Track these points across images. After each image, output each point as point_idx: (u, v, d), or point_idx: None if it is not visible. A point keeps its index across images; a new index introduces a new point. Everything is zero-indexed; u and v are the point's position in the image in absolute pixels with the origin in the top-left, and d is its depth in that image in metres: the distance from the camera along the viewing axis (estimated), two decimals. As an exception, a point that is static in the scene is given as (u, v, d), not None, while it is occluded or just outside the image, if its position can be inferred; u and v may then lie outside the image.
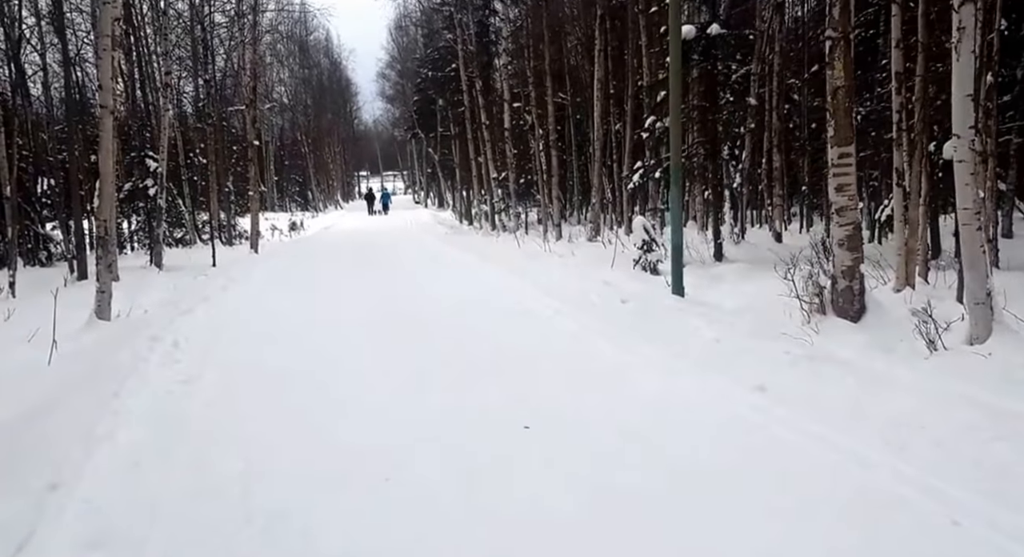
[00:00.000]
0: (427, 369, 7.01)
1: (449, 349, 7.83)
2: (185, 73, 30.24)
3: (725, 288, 11.46)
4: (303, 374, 6.85)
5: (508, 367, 6.96)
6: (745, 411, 5.36)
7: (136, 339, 8.09)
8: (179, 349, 7.76)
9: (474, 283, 13.30)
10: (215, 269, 17.34)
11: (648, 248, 13.64)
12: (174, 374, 6.72)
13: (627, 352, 7.39)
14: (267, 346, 8.17)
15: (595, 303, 10.53)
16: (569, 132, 26.22)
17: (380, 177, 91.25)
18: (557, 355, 7.46)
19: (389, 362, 7.25)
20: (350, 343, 8.27)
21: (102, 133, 10.63)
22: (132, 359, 7.11)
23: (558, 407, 5.64)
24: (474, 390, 6.19)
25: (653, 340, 7.78)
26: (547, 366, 6.98)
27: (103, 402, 5.62)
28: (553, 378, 6.51)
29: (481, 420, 5.41)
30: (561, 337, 8.42)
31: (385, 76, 63.27)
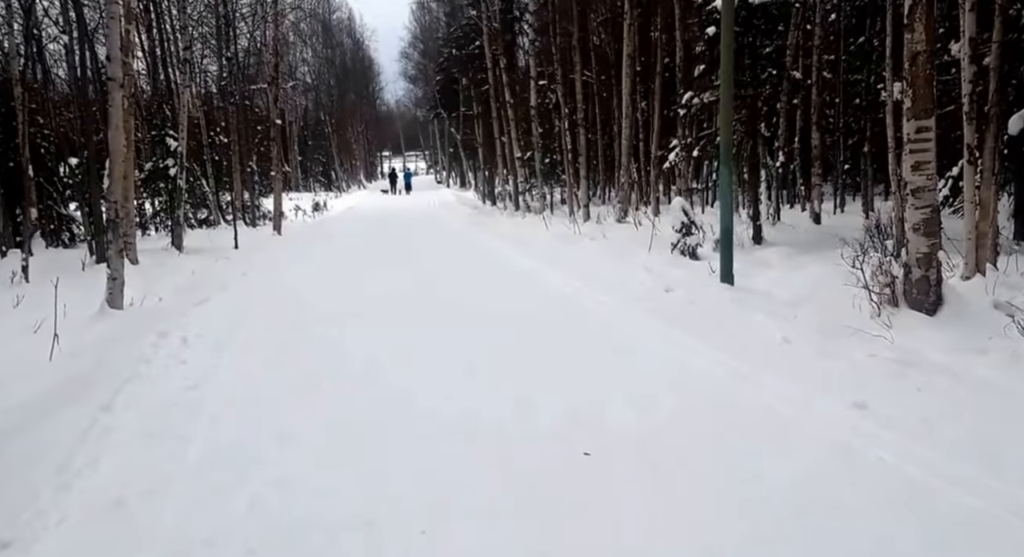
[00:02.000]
0: (472, 365, 6.11)
1: (490, 345, 6.87)
2: (209, 52, 29.31)
3: (773, 275, 10.41)
4: (328, 379, 5.87)
5: (555, 369, 5.99)
6: (848, 436, 4.32)
7: (144, 334, 7.19)
8: (188, 347, 6.82)
9: (506, 271, 12.28)
10: (237, 252, 16.48)
11: (687, 231, 12.60)
12: (180, 379, 5.78)
13: (688, 352, 6.38)
14: (286, 343, 7.20)
15: (637, 292, 9.54)
16: (593, 111, 25.09)
17: (402, 157, 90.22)
18: (606, 354, 6.47)
19: (428, 365, 6.23)
20: (381, 343, 7.20)
21: (111, 108, 9.68)
22: (135, 359, 6.19)
23: (623, 431, 4.60)
24: (527, 395, 5.25)
25: (712, 338, 6.77)
26: (598, 370, 6.00)
27: (93, 417, 4.70)
28: (607, 385, 5.53)
29: (538, 439, 4.45)
30: (606, 331, 7.42)
31: (407, 56, 62.34)
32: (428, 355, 6.48)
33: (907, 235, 7.59)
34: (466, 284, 10.67)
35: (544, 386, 5.43)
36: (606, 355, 6.36)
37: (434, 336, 7.25)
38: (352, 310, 8.83)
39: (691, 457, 4.14)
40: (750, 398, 5.08)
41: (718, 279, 10.03)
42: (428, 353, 6.54)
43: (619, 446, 4.31)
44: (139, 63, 26.75)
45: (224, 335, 7.32)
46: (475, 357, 6.36)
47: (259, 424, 4.80)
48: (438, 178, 68.89)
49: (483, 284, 10.68)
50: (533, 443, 4.38)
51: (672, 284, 9.80)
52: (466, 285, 10.55)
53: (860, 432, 4.36)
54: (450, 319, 8.10)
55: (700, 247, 12.68)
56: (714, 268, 10.54)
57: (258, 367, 6.18)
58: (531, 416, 4.83)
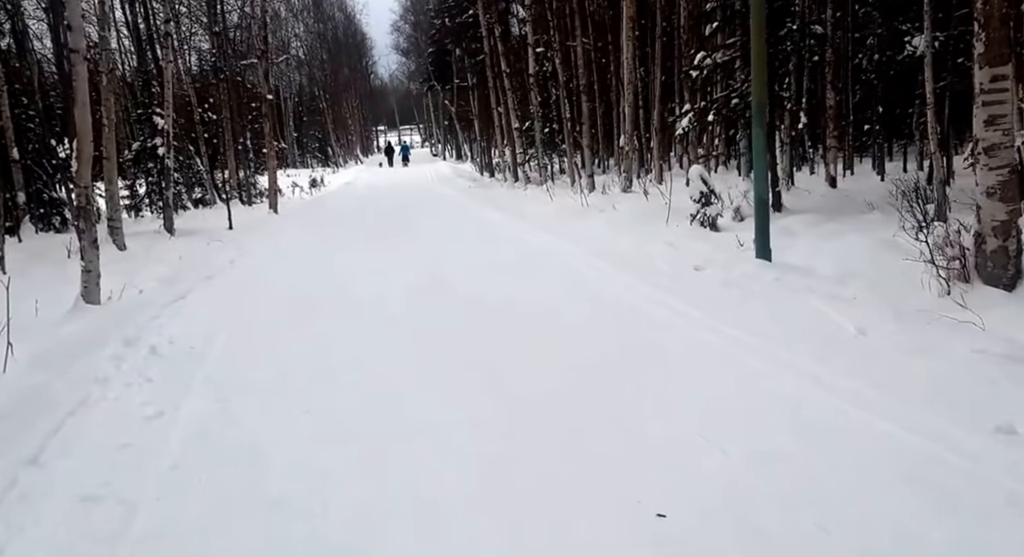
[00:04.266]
0: (496, 374, 4.93)
1: (516, 352, 5.65)
2: (199, 28, 27.79)
3: (803, 245, 9.18)
4: (317, 404, 4.60)
5: (606, 391, 4.80)
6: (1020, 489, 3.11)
7: (109, 341, 5.95)
8: (157, 358, 5.57)
9: (517, 251, 10.98)
10: (230, 233, 15.21)
11: (706, 201, 11.36)
12: (140, 405, 4.53)
13: (743, 350, 5.15)
14: (273, 351, 5.94)
15: (664, 270, 8.33)
16: (591, 78, 23.71)
17: (397, 131, 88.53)
18: (648, 354, 5.26)
19: (449, 386, 4.94)
20: (384, 349, 5.87)
21: (76, 82, 8.37)
22: (90, 379, 4.97)
23: (701, 494, 3.32)
24: (572, 445, 4.02)
25: (768, 330, 5.55)
26: (642, 377, 4.79)
27: (11, 478, 3.48)
28: (662, 403, 4.31)
29: (594, 505, 3.26)
30: (640, 321, 6.21)
31: (399, 28, 60.59)
32: (448, 372, 5.16)
33: (978, 200, 6.39)
34: (478, 270, 9.27)
35: (595, 426, 4.13)
36: (657, 368, 5.10)
37: (453, 343, 5.89)
38: (351, 306, 7.56)
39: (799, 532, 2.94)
40: (866, 433, 3.72)
41: (750, 254, 8.84)
42: (447, 369, 5.21)
43: (702, 512, 3.11)
44: (124, 40, 25.36)
45: (201, 342, 6.03)
46: (500, 368, 5.15)
47: (230, 475, 3.60)
48: (434, 151, 67.36)
49: (496, 269, 9.31)
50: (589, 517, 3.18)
51: (701, 261, 8.59)
52: (478, 271, 9.15)
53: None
54: (467, 318, 6.69)
55: (720, 217, 11.47)
56: (742, 241, 9.35)
57: (236, 388, 4.90)
58: (584, 475, 3.56)
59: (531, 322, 6.42)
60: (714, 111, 12.66)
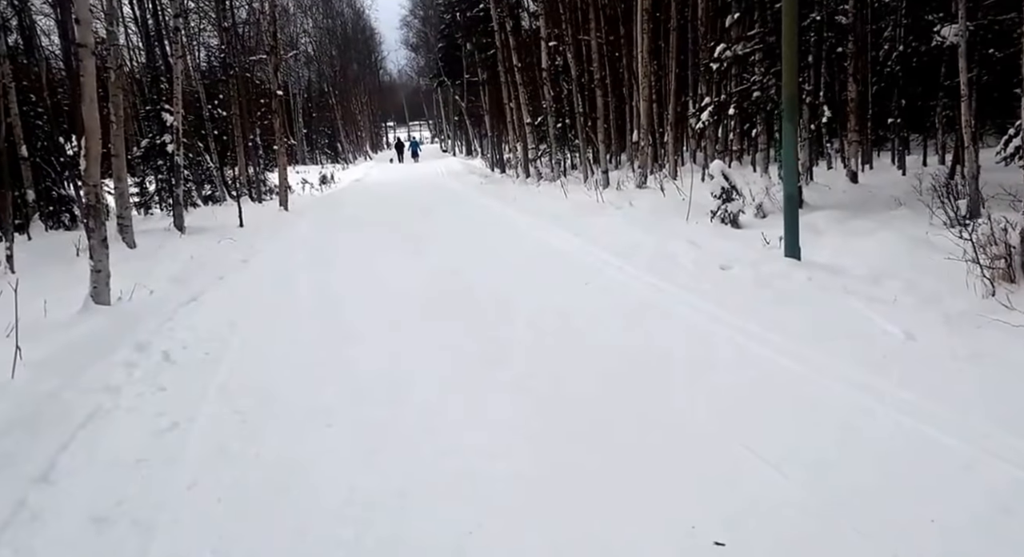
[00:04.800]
0: (526, 383, 4.68)
1: (535, 353, 5.43)
2: (207, 25, 27.57)
3: (830, 243, 8.92)
4: (340, 416, 4.34)
5: (625, 387, 4.56)
6: None
7: (120, 346, 5.73)
8: (170, 365, 5.35)
9: (529, 245, 10.77)
10: (241, 231, 14.99)
11: (728, 197, 11.10)
12: (154, 416, 4.31)
13: (785, 356, 4.89)
14: (290, 354, 5.70)
15: (688, 270, 8.07)
16: (604, 72, 23.40)
17: (407, 127, 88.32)
18: (681, 361, 5.02)
19: (472, 389, 4.72)
20: (407, 349, 5.64)
21: (84, 78, 8.16)
22: (100, 387, 4.75)
23: (762, 520, 3.03)
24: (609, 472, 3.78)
25: (809, 334, 5.30)
26: (678, 386, 4.56)
27: (19, 498, 3.26)
28: (703, 414, 4.08)
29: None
30: (670, 325, 5.96)
31: (408, 24, 60.32)
32: (478, 382, 4.88)
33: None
34: (494, 270, 9.01)
35: (635, 440, 3.87)
36: (691, 376, 4.86)
37: (482, 350, 5.60)
38: (370, 308, 7.30)
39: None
40: (937, 453, 3.43)
41: (777, 252, 8.59)
42: (475, 377, 4.95)
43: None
44: (133, 37, 25.17)
45: (215, 346, 5.80)
46: (532, 377, 4.91)
47: (251, 494, 3.37)
48: (443, 147, 67.06)
49: (513, 269, 9.03)
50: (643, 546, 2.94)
51: (727, 260, 8.33)
52: (495, 272, 8.89)
53: None
54: (492, 324, 6.36)
55: (743, 214, 11.22)
56: (767, 238, 9.11)
57: (253, 398, 4.67)
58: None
59: (557, 328, 6.16)
60: (735, 104, 12.40)
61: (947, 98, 15.29)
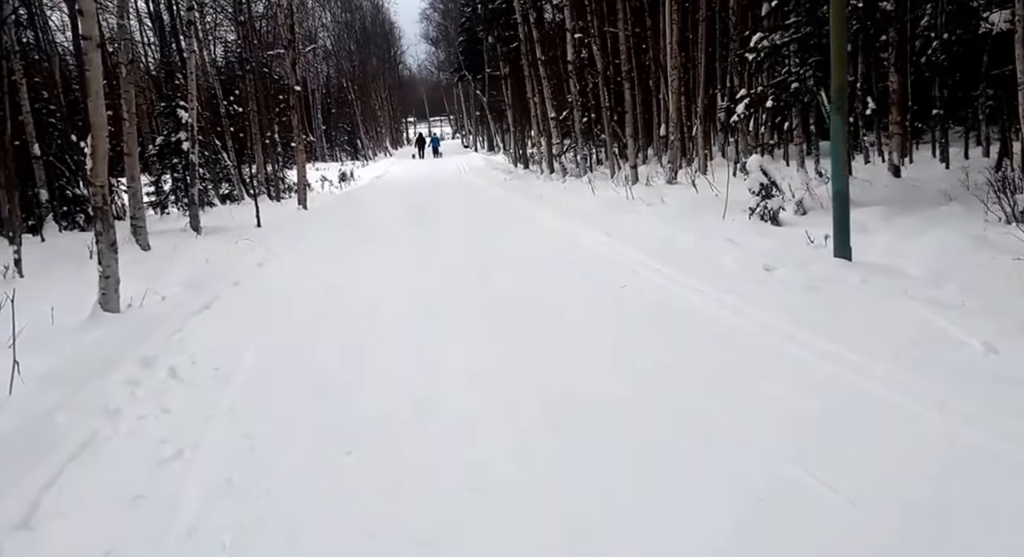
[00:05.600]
0: (569, 403, 4.28)
1: (575, 367, 5.03)
2: (224, 19, 27.34)
3: (880, 242, 8.45)
4: (362, 444, 3.93)
5: (676, 401, 4.15)
6: None
7: (125, 360, 5.39)
8: (177, 381, 4.99)
9: (560, 245, 10.34)
10: (259, 231, 14.69)
11: (767, 193, 10.64)
12: (156, 443, 3.94)
13: (848, 370, 4.45)
14: (308, 371, 5.31)
15: (731, 272, 7.64)
16: (630, 64, 22.93)
17: (427, 122, 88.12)
18: (731, 376, 4.59)
19: (507, 407, 4.32)
20: (437, 367, 5.16)
21: (89, 73, 7.84)
22: (99, 409, 4.40)
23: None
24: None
25: (874, 344, 4.84)
26: (730, 403, 4.14)
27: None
28: (760, 435, 3.67)
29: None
30: (717, 333, 5.54)
31: (428, 17, 60.14)
32: (516, 402, 4.45)
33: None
34: (526, 275, 8.49)
35: (690, 467, 3.50)
36: (743, 393, 4.44)
37: (520, 368, 5.14)
38: (396, 319, 6.85)
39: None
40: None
41: (824, 251, 8.15)
42: (513, 395, 4.55)
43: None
44: (148, 33, 24.97)
45: (226, 361, 5.42)
46: (573, 396, 4.52)
47: (261, 541, 3.00)
48: (465, 142, 66.76)
49: (545, 272, 8.57)
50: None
51: (770, 260, 7.90)
52: (526, 277, 8.38)
53: None
54: (529, 339, 5.82)
55: (782, 211, 10.76)
56: (811, 237, 8.65)
57: (265, 421, 4.28)
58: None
59: (597, 343, 5.72)
60: (772, 96, 11.92)
61: (991, 88, 14.75)
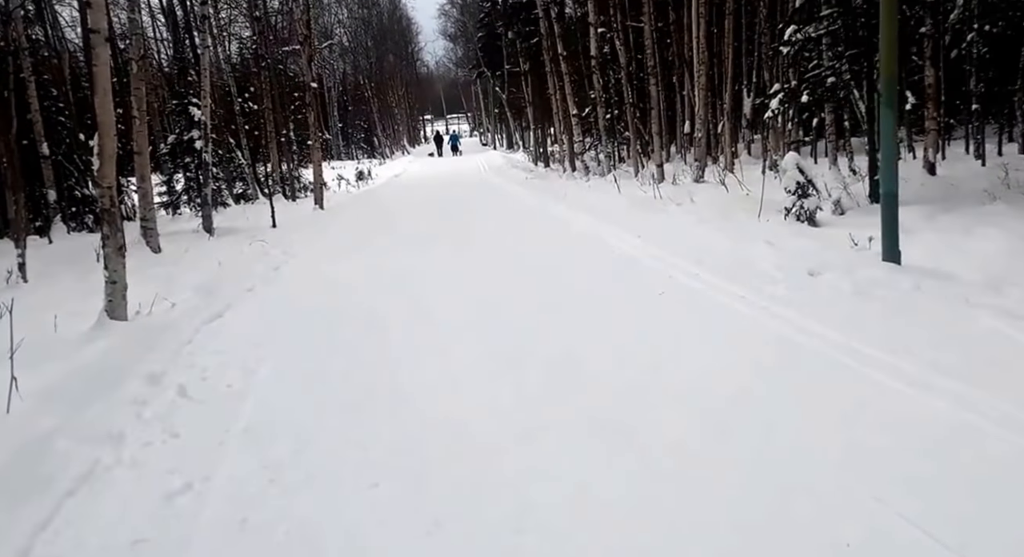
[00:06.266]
0: (614, 420, 3.93)
1: (613, 381, 4.68)
2: (239, 16, 27.13)
3: (924, 243, 8.02)
4: (390, 472, 3.58)
5: (728, 423, 3.80)
6: None
7: (130, 377, 5.08)
8: (187, 400, 4.67)
9: (590, 249, 9.92)
10: (274, 232, 14.42)
11: (803, 193, 10.26)
12: (163, 473, 3.61)
13: (915, 388, 4.10)
14: (325, 385, 4.94)
15: (773, 277, 7.26)
16: (656, 60, 22.53)
17: (444, 120, 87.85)
18: (786, 392, 4.22)
19: (547, 427, 3.99)
20: (469, 384, 4.79)
21: (96, 68, 7.56)
22: (103, 434, 4.08)
23: None
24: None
25: (942, 359, 4.45)
26: (789, 423, 3.78)
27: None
28: (826, 459, 3.32)
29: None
30: (767, 346, 5.16)
31: (446, 13, 59.83)
32: (543, 430, 4.06)
33: None
34: (556, 281, 8.05)
35: (749, 496, 3.17)
36: (805, 411, 4.08)
37: (559, 384, 4.79)
38: (421, 330, 6.45)
39: None
40: None
41: (868, 254, 7.78)
42: (548, 410, 4.23)
43: None
44: (161, 29, 24.78)
45: (240, 376, 5.09)
46: (622, 421, 4.17)
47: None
48: (483, 140, 66.43)
49: (576, 278, 8.08)
50: None
51: (814, 264, 7.52)
52: (557, 281, 7.99)
53: None
54: (564, 358, 5.34)
55: (820, 211, 10.38)
56: (855, 239, 8.26)
57: (284, 446, 3.93)
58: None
59: (640, 355, 5.37)
60: (808, 91, 11.52)
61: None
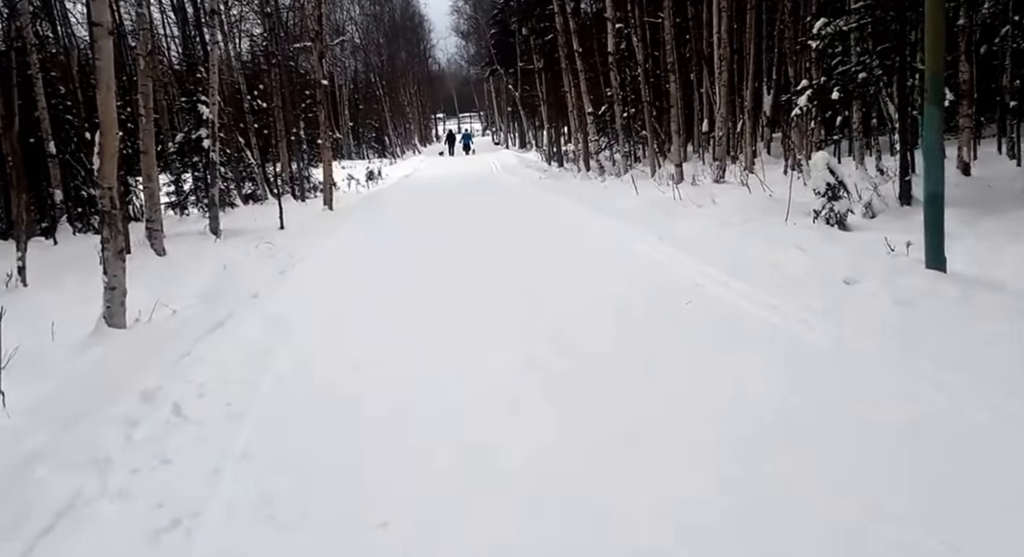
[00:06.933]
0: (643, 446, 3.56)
1: (647, 399, 4.33)
2: (250, 12, 26.86)
3: (966, 249, 7.62)
4: (400, 508, 3.23)
5: (768, 454, 3.44)
6: None
7: (123, 392, 4.75)
8: (181, 420, 4.31)
9: (611, 253, 9.53)
10: (282, 234, 14.13)
11: (833, 195, 9.87)
12: (147, 510, 3.24)
13: (988, 416, 3.76)
14: (332, 404, 4.59)
15: (807, 285, 6.89)
16: (675, 57, 22.14)
17: (456, 119, 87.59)
18: (835, 418, 3.87)
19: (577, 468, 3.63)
20: (487, 413, 4.33)
21: (99, 63, 7.27)
22: (87, 461, 3.75)
23: None
24: None
25: (1012, 380, 4.12)
26: (840, 453, 3.42)
27: None
28: (887, 495, 2.97)
29: None
30: (807, 362, 4.80)
31: (458, 10, 59.63)
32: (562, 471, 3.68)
33: None
34: (578, 285, 7.67)
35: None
36: (856, 439, 3.72)
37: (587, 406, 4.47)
38: (433, 345, 6.02)
39: None
40: None
41: (907, 261, 7.38)
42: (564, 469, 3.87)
43: None
44: (173, 27, 24.54)
45: (240, 393, 4.73)
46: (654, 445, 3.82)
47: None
48: (495, 139, 66.10)
49: (598, 286, 7.61)
50: None
51: (849, 272, 7.14)
52: (579, 287, 7.59)
53: None
54: (588, 377, 4.94)
55: (851, 214, 10.00)
56: (891, 244, 7.86)
57: (284, 475, 3.57)
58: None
59: (669, 377, 4.98)
60: (838, 87, 11.12)
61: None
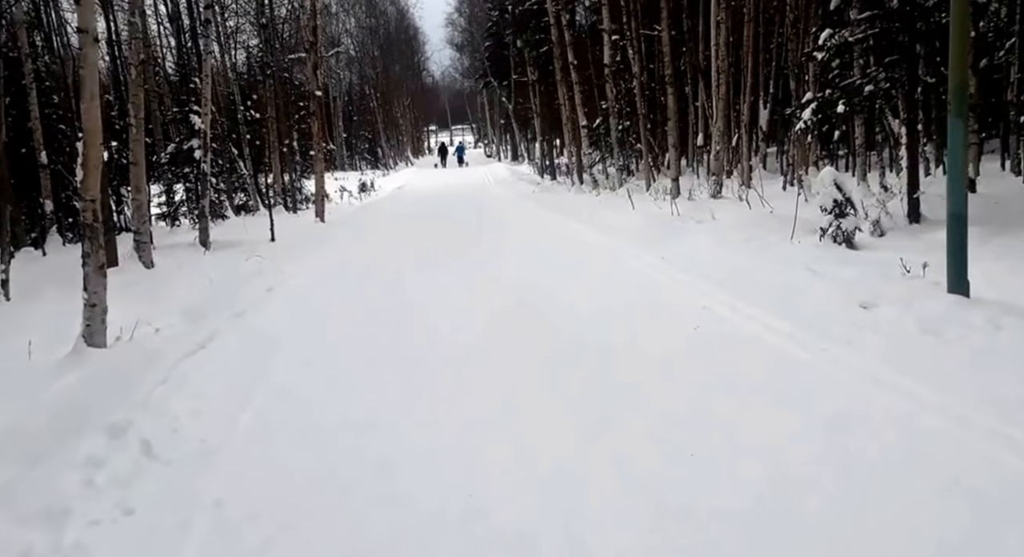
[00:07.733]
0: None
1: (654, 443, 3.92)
2: (248, 25, 26.48)
3: (985, 271, 7.18)
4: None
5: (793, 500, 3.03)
6: None
7: (90, 428, 4.30)
8: (151, 460, 3.88)
9: (610, 273, 9.09)
10: (272, 246, 13.69)
11: (841, 212, 9.49)
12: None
13: None
14: (315, 440, 4.12)
15: (822, 310, 6.51)
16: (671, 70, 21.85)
17: (449, 131, 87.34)
18: (863, 463, 3.48)
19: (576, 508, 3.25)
20: (484, 441, 4.07)
21: (84, 71, 6.84)
22: (45, 507, 3.33)
23: None
24: None
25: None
26: (874, 508, 3.03)
27: None
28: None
29: None
30: (829, 397, 4.39)
31: (453, 22, 59.37)
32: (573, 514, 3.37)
33: None
34: (578, 309, 7.21)
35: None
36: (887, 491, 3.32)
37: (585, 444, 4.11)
38: (424, 368, 5.64)
39: None
40: None
41: (923, 283, 7.01)
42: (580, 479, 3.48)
43: None
44: (169, 38, 24.13)
45: (217, 426, 4.27)
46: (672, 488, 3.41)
47: None
48: (487, 152, 65.78)
49: (598, 309, 7.16)
50: None
51: (866, 295, 6.75)
52: (578, 311, 7.13)
53: None
54: (593, 410, 4.58)
55: (859, 232, 9.61)
56: (907, 265, 7.43)
57: (261, 528, 3.13)
58: None
59: (673, 416, 4.57)
60: (843, 101, 10.74)
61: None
